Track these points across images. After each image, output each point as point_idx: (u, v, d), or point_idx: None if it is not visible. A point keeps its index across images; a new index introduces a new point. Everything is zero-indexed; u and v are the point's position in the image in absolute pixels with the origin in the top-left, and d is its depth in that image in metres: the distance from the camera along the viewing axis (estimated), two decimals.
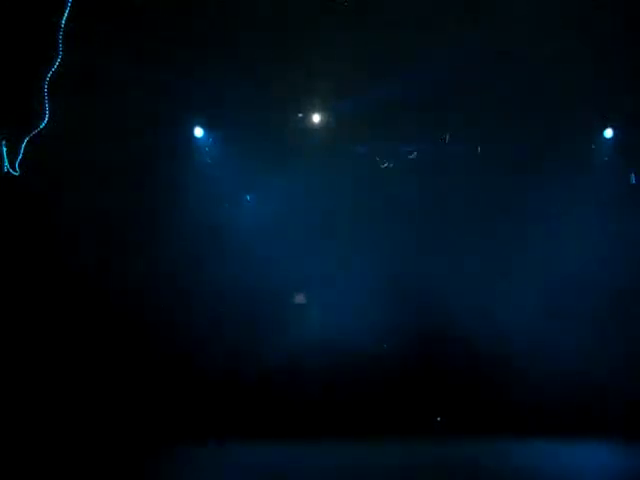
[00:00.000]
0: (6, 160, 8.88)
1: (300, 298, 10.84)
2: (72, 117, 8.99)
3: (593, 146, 10.62)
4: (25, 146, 8.78)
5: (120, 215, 10.06)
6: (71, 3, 7.97)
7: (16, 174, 8.94)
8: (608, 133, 10.52)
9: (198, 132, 10.50)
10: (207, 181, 10.47)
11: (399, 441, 9.27)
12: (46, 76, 8.46)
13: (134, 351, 9.88)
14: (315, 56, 9.12)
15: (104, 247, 10.03)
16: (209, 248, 10.27)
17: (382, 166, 10.46)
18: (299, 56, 9.18)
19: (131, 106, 9.42)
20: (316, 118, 10.26)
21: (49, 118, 8.53)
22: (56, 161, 9.45)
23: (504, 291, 9.92)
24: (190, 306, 10.13)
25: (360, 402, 9.95)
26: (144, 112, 9.52)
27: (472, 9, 8.55)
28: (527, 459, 8.45)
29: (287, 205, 10.33)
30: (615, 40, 8.86)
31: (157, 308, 9.92)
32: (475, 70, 9.25)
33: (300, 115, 10.37)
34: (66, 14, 8.04)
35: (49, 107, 8.52)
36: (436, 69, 8.97)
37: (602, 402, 9.60)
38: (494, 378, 9.98)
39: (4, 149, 8.88)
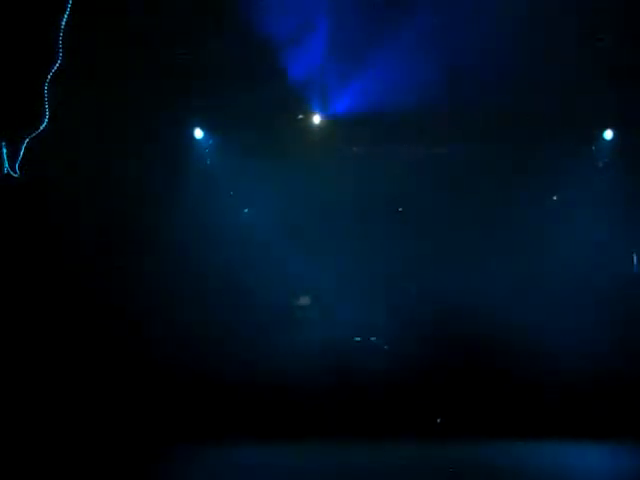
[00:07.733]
0: (6, 162, 8.89)
1: (303, 299, 10.82)
2: (71, 117, 9.03)
3: (593, 147, 10.67)
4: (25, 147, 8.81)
5: (120, 216, 10.06)
6: (71, 4, 8.00)
7: (16, 175, 8.95)
8: (608, 135, 10.54)
9: (198, 133, 10.53)
10: (207, 182, 10.51)
11: (399, 442, 9.23)
12: (46, 77, 8.49)
13: (138, 352, 9.86)
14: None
15: (104, 248, 10.03)
16: (209, 248, 10.27)
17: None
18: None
19: (131, 106, 9.45)
20: (316, 119, 10.32)
21: (49, 119, 8.56)
22: (56, 161, 9.47)
23: (506, 291, 9.90)
24: (190, 306, 10.13)
25: (360, 403, 9.92)
26: (144, 113, 9.55)
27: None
28: (528, 459, 8.44)
29: (287, 206, 10.33)
30: (615, 39, 8.92)
31: (157, 308, 9.92)
32: (474, 69, 9.30)
33: (300, 116, 10.43)
34: (66, 15, 8.07)
35: (49, 108, 8.55)
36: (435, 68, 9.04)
37: (604, 402, 9.57)
38: (495, 378, 9.95)
39: (4, 150, 8.89)
